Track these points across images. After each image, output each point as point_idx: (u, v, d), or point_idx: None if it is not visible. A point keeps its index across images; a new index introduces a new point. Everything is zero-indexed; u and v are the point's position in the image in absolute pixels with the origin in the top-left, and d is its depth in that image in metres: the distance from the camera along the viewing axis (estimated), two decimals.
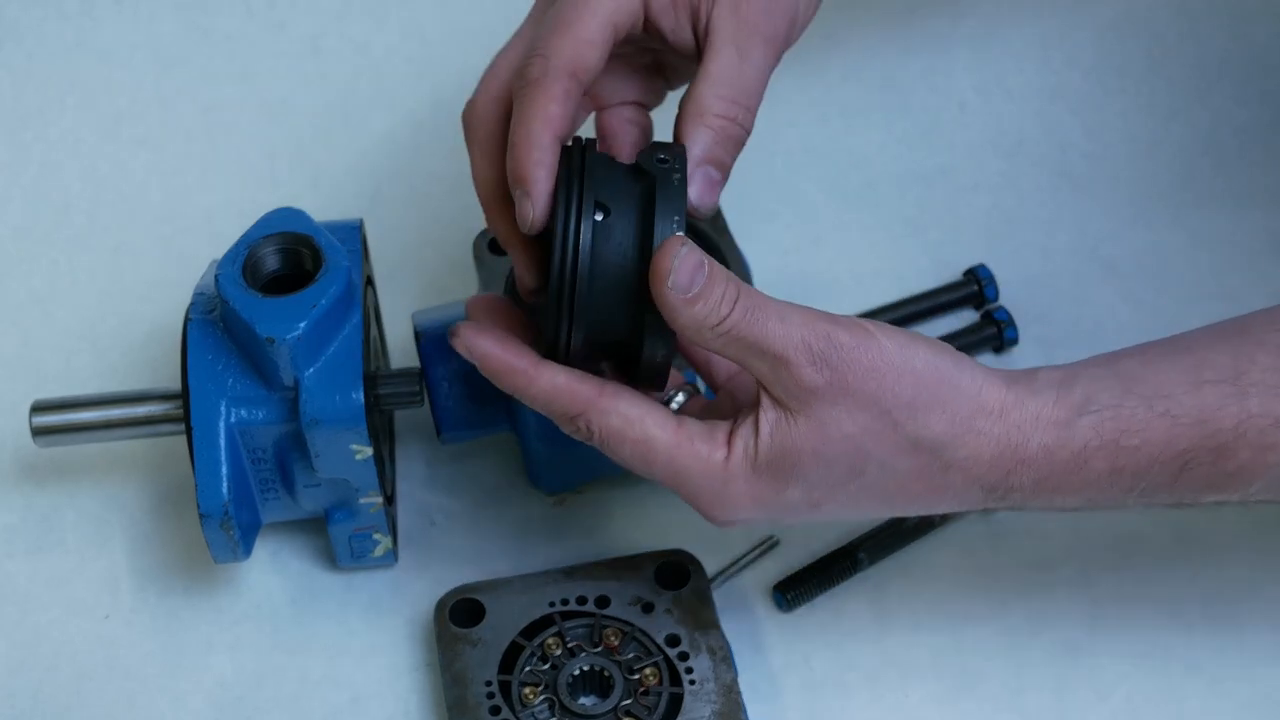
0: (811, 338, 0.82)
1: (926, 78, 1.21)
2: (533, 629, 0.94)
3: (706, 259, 0.82)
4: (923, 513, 0.87)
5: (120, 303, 1.12)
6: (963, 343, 1.08)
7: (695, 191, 0.86)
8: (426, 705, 0.95)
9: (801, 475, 0.83)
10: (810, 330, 0.82)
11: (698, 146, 0.86)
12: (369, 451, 0.92)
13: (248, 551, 0.94)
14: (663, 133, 0.92)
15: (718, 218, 1.04)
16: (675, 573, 0.96)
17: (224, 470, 0.92)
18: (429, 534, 1.01)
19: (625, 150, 0.92)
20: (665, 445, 0.84)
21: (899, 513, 0.87)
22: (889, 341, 0.83)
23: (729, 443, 0.84)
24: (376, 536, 0.97)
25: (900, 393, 0.82)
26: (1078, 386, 0.84)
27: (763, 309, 0.82)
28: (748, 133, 0.87)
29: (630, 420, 0.84)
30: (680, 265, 0.81)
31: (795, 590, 0.98)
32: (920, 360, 0.83)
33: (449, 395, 0.97)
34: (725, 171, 0.87)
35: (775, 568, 0.99)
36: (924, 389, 0.83)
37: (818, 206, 1.16)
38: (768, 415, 0.83)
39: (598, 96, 0.92)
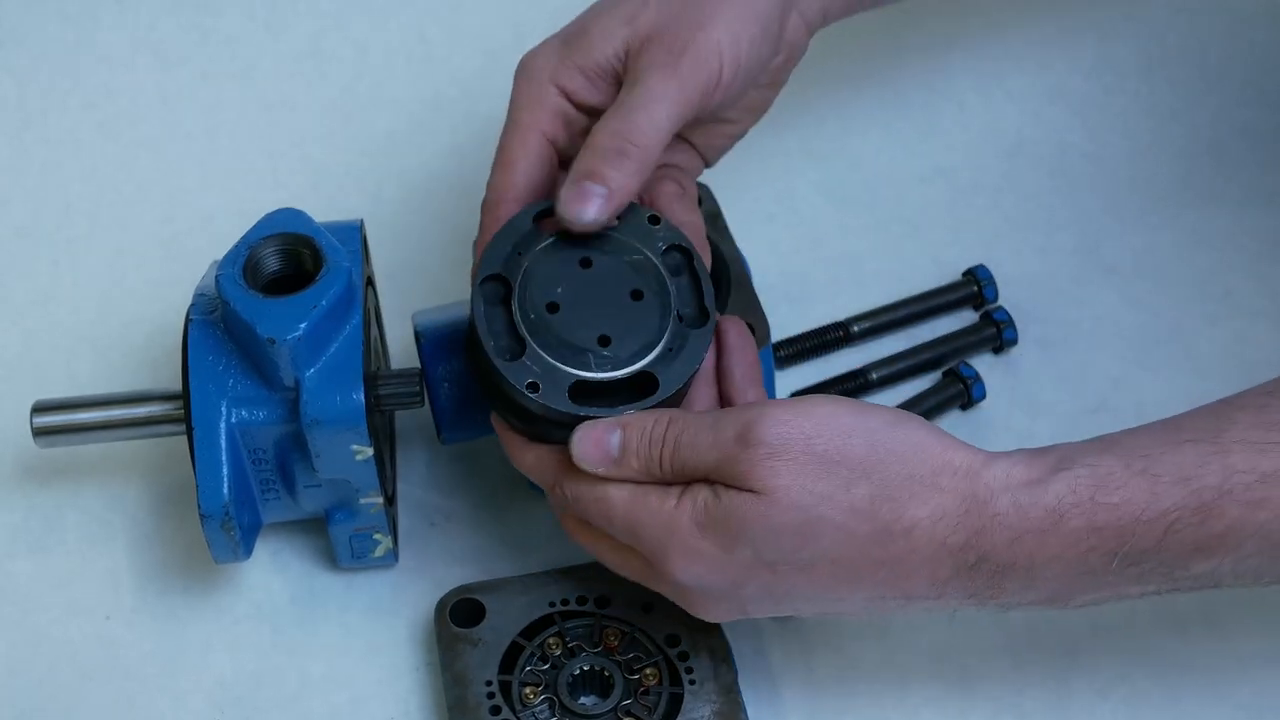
0: (743, 427, 0.83)
1: (926, 78, 1.21)
2: (533, 629, 0.94)
3: (617, 423, 0.86)
4: (892, 596, 0.84)
5: (121, 303, 1.12)
6: (962, 343, 1.08)
7: (563, 204, 0.88)
8: (427, 705, 0.96)
9: (749, 539, 0.83)
10: (741, 420, 0.83)
11: (576, 163, 0.89)
12: (369, 452, 0.92)
13: (248, 552, 0.94)
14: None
15: (718, 218, 1.04)
16: None
17: (225, 470, 0.92)
18: (429, 534, 1.02)
19: (673, 207, 0.94)
20: (622, 500, 0.86)
21: (868, 596, 0.84)
22: (841, 406, 0.83)
23: (680, 496, 0.85)
24: (377, 537, 0.98)
25: (851, 452, 0.82)
26: (1052, 452, 0.83)
27: (694, 428, 0.85)
28: (639, 150, 0.88)
29: (594, 482, 0.86)
30: (582, 448, 0.86)
31: None
32: (877, 421, 0.83)
33: (449, 396, 0.97)
34: (609, 184, 0.88)
35: None
36: (879, 446, 0.82)
37: (817, 207, 1.16)
38: (719, 486, 0.84)
39: None
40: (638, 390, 0.88)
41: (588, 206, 0.88)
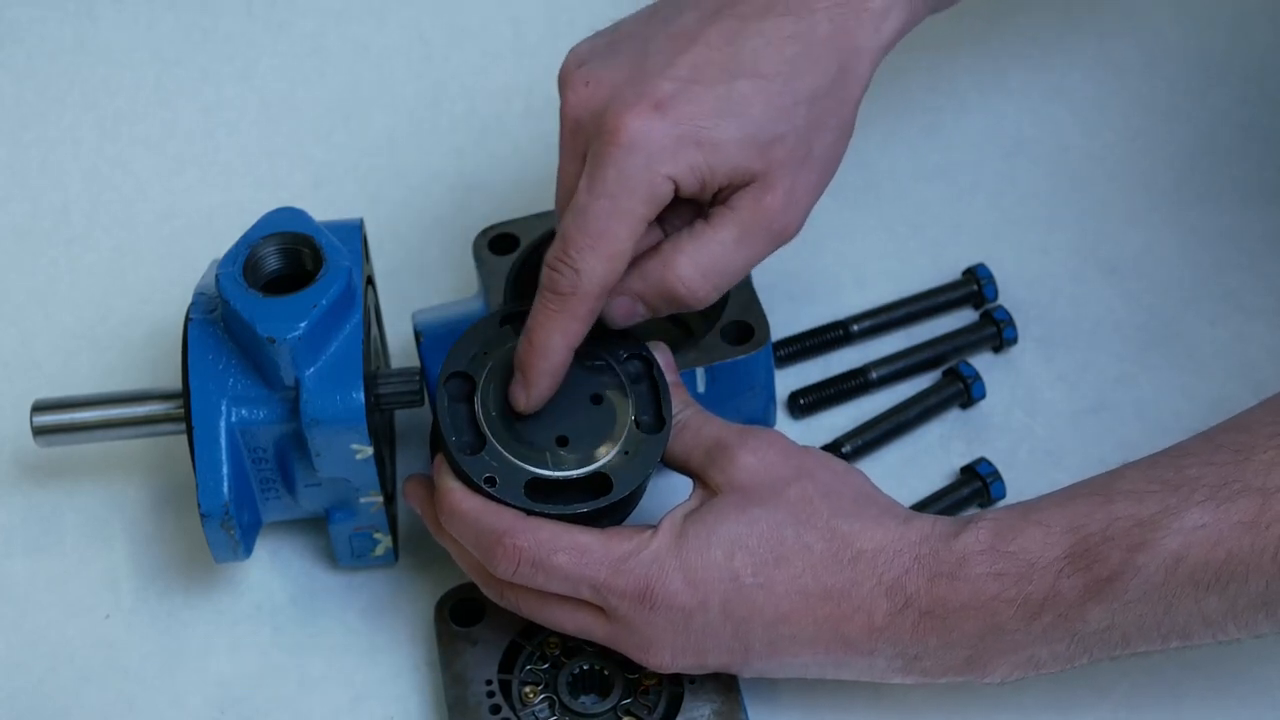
0: (743, 432, 0.91)
1: (927, 77, 1.21)
2: (533, 628, 0.94)
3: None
4: (834, 646, 0.88)
5: (121, 302, 1.12)
6: (962, 342, 1.08)
7: (611, 310, 0.90)
8: (426, 705, 0.96)
9: (724, 531, 0.87)
10: (723, 433, 0.91)
11: (641, 283, 0.90)
12: (369, 451, 0.92)
13: (248, 551, 0.94)
14: None
15: None
16: None
17: (225, 470, 0.92)
18: (429, 533, 1.01)
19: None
20: (600, 543, 0.88)
21: (813, 637, 0.88)
22: (817, 451, 0.92)
23: (658, 523, 0.89)
24: (377, 536, 0.98)
25: (824, 480, 0.89)
26: (966, 516, 0.89)
27: (702, 416, 0.93)
28: (699, 305, 0.91)
29: (559, 532, 0.88)
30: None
31: None
32: (841, 466, 0.91)
33: None
34: (652, 313, 0.91)
35: None
36: (848, 487, 0.90)
37: (817, 206, 1.16)
38: (696, 492, 0.91)
39: None
40: (592, 490, 0.90)
41: (628, 322, 0.91)
